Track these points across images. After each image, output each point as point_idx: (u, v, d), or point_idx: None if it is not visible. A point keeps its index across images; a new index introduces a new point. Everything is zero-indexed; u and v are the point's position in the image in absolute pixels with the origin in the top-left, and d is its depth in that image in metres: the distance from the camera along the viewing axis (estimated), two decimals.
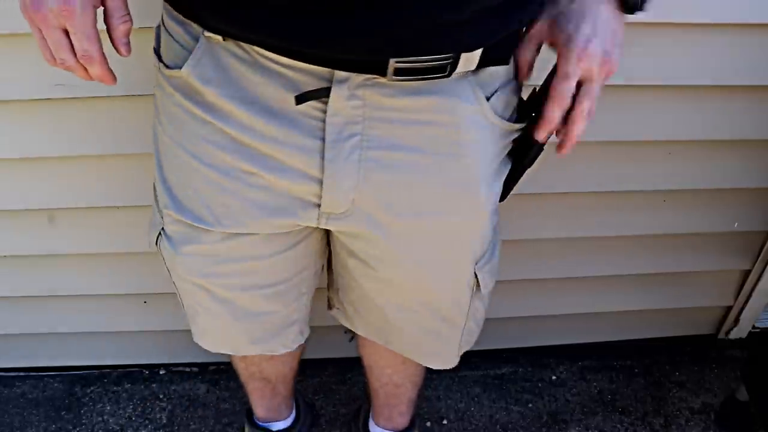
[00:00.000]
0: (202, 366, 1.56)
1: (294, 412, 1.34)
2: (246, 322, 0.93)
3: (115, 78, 0.68)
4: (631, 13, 0.75)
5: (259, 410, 1.28)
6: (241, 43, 0.67)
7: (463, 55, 0.67)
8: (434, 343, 0.99)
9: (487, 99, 0.73)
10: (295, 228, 0.81)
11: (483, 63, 0.70)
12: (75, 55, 0.64)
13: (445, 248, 0.83)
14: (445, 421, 1.47)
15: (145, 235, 1.29)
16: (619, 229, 1.39)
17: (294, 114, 0.69)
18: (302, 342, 1.04)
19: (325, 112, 0.68)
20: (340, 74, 0.66)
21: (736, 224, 1.41)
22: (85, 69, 0.66)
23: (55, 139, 1.14)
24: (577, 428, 1.46)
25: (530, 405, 1.51)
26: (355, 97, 0.67)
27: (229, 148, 0.73)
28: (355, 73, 0.66)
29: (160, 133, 0.79)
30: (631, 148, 1.27)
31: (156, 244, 0.87)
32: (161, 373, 1.56)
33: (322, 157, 0.71)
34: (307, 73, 0.67)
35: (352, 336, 1.15)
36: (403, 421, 1.29)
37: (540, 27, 0.72)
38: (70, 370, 1.56)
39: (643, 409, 1.50)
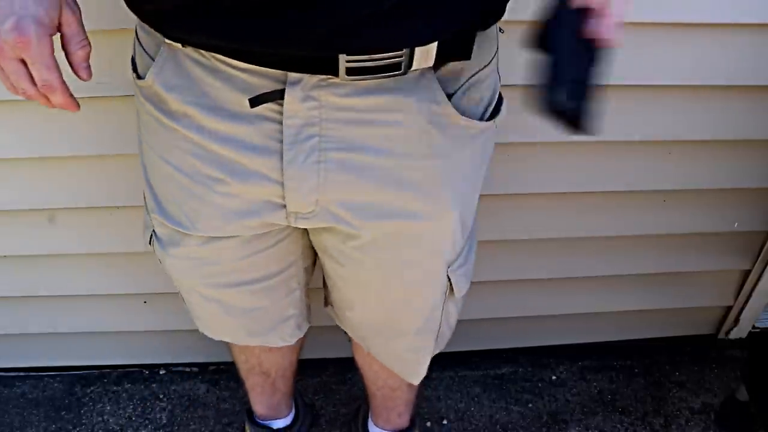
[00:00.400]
0: (202, 366, 1.56)
1: (293, 410, 1.34)
2: (239, 317, 0.95)
3: (78, 105, 0.68)
4: None
5: (259, 407, 1.28)
6: (200, 50, 0.68)
7: (418, 51, 0.65)
8: (410, 354, 1.00)
9: (450, 96, 0.71)
10: (272, 228, 0.81)
11: (442, 58, 0.67)
12: (35, 84, 0.63)
13: (413, 251, 0.82)
14: (445, 421, 1.47)
15: (141, 235, 1.29)
16: (619, 229, 1.39)
17: (252, 118, 0.69)
18: (301, 336, 1.06)
19: (282, 114, 0.68)
20: (293, 76, 0.65)
21: (736, 224, 1.41)
22: (47, 98, 0.65)
23: (56, 139, 1.14)
24: (577, 428, 1.46)
25: (530, 405, 1.51)
26: (310, 98, 0.67)
27: (195, 154, 0.74)
28: (308, 74, 0.65)
29: (142, 141, 0.82)
30: (631, 148, 1.27)
31: (150, 244, 0.90)
32: (161, 373, 1.56)
33: (282, 159, 0.71)
34: (261, 76, 0.66)
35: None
36: (401, 422, 1.29)
37: None
38: (70, 370, 1.56)
39: (643, 409, 1.50)
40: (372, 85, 0.67)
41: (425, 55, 0.66)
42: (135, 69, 0.77)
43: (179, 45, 0.68)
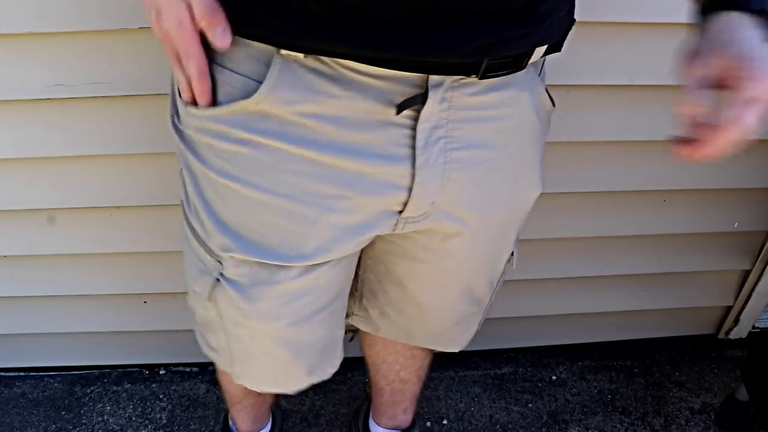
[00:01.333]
0: (202, 366, 1.56)
1: (270, 416, 1.33)
2: (306, 355, 0.87)
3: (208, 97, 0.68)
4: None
5: (245, 425, 1.25)
6: (323, 58, 0.64)
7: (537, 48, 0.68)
8: (459, 328, 1.00)
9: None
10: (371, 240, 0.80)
11: (545, 53, 0.72)
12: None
13: (506, 232, 0.86)
14: (445, 421, 1.47)
15: (145, 236, 1.30)
16: (619, 229, 1.39)
17: (378, 126, 0.67)
18: (342, 358, 0.99)
19: (413, 119, 0.67)
20: (434, 78, 0.65)
21: (736, 224, 1.41)
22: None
23: (55, 139, 1.14)
24: (577, 428, 1.46)
25: (530, 405, 1.51)
26: (444, 100, 0.67)
27: (305, 173, 0.69)
28: (449, 76, 0.66)
29: (206, 176, 0.72)
30: (630, 148, 1.27)
31: (209, 296, 0.79)
32: (161, 373, 1.56)
33: (413, 165, 0.70)
34: (397, 81, 0.65)
35: (352, 336, 1.15)
36: (405, 419, 1.29)
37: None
38: (70, 370, 1.56)
39: (643, 409, 1.50)
40: (496, 82, 0.69)
41: (539, 50, 0.69)
42: (192, 101, 0.70)
43: (300, 55, 0.63)
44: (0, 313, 1.43)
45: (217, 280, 0.77)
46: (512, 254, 0.93)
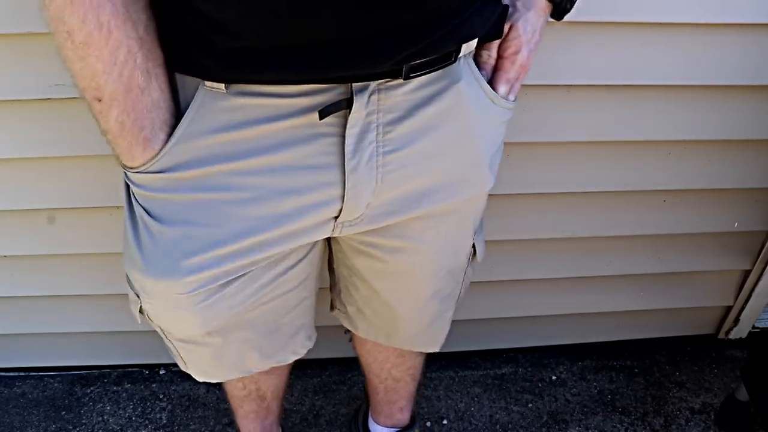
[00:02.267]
0: None
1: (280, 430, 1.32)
2: (258, 342, 0.92)
3: None
4: (560, 19, 0.80)
5: None
6: (244, 86, 0.66)
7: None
8: (434, 328, 1.01)
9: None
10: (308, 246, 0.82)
11: (481, 41, 0.73)
12: None
13: (455, 227, 0.86)
14: (445, 421, 1.47)
15: None
16: (619, 229, 1.39)
17: (306, 138, 0.69)
18: (311, 346, 1.03)
19: (341, 126, 0.68)
20: (357, 85, 0.66)
21: (736, 224, 1.41)
22: None
23: (55, 139, 1.14)
24: (577, 428, 1.46)
25: (530, 405, 1.51)
26: (371, 103, 0.68)
27: (236, 201, 0.72)
28: (372, 81, 0.67)
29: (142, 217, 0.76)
30: (631, 148, 1.27)
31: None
32: (161, 373, 1.56)
33: (343, 171, 0.71)
34: (321, 93, 0.66)
35: (351, 336, 1.15)
36: (403, 417, 1.29)
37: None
38: (70, 370, 1.56)
39: (643, 409, 1.51)
40: (425, 79, 0.69)
41: (470, 44, 0.71)
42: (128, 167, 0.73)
43: (221, 86, 0.66)
44: (0, 313, 1.43)
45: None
46: (474, 248, 0.93)
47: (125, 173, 0.74)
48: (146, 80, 0.65)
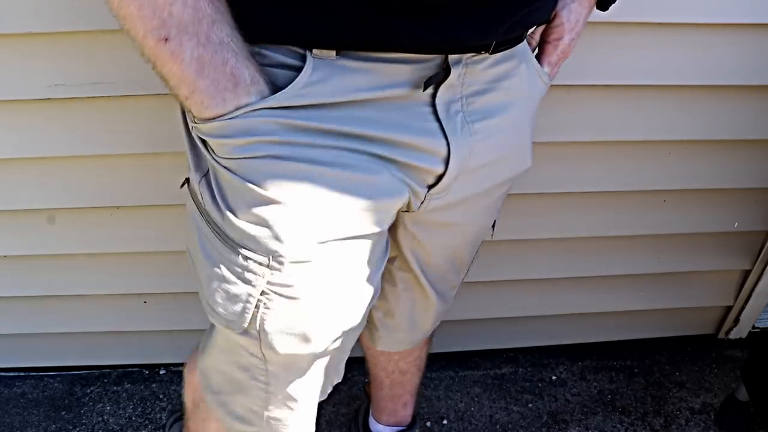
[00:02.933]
0: None
1: None
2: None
3: None
4: (605, 10, 0.85)
5: None
6: (353, 52, 0.65)
7: None
8: (446, 305, 1.02)
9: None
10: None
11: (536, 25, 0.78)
12: None
13: (495, 201, 0.89)
14: (445, 421, 1.47)
15: (145, 236, 1.29)
16: (619, 229, 1.39)
17: (407, 106, 0.70)
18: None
19: (431, 96, 0.70)
20: (453, 57, 0.69)
21: (736, 224, 1.41)
22: None
23: (55, 139, 1.15)
24: (577, 428, 1.46)
25: (530, 405, 1.51)
26: (460, 75, 0.71)
27: (351, 151, 0.70)
28: (465, 54, 0.69)
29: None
30: (631, 148, 1.27)
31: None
32: (161, 373, 1.56)
33: (445, 136, 0.72)
34: (421, 64, 0.68)
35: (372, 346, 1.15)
36: (406, 414, 1.29)
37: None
38: (70, 370, 1.56)
39: (643, 409, 1.50)
40: (501, 55, 0.73)
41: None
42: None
43: (332, 53, 0.64)
44: (0, 313, 1.43)
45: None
46: (494, 224, 0.96)
47: (199, 135, 0.66)
48: (215, 11, 0.60)
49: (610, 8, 0.84)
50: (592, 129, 1.23)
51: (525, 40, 0.78)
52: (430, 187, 0.75)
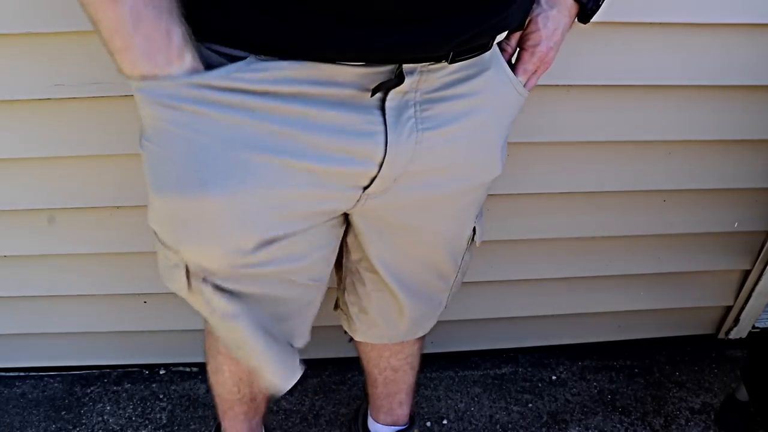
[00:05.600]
0: (202, 366, 1.56)
1: (263, 429, 1.30)
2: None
3: None
4: (585, 22, 0.84)
5: None
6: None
7: None
8: (430, 309, 1.03)
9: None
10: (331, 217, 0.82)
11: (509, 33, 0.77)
12: None
13: (462, 211, 0.88)
14: (445, 421, 1.47)
15: (145, 236, 1.29)
16: (619, 229, 1.39)
17: (354, 108, 0.70)
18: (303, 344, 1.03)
19: (381, 100, 0.71)
20: (407, 66, 0.69)
21: (736, 224, 1.41)
22: None
23: (55, 139, 1.15)
24: (577, 428, 1.46)
25: (530, 405, 1.51)
26: (413, 82, 0.71)
27: (281, 149, 0.71)
28: (419, 64, 0.70)
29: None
30: (631, 148, 1.27)
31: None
32: (161, 373, 1.56)
33: (385, 142, 0.73)
34: (373, 71, 0.69)
35: (351, 338, 1.15)
36: (402, 413, 1.29)
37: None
38: (70, 370, 1.56)
39: (643, 409, 1.51)
40: (463, 64, 0.73)
41: (503, 34, 0.74)
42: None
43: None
44: (0, 313, 1.43)
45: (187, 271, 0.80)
46: (474, 231, 0.95)
47: (136, 88, 0.67)
48: None
49: (591, 21, 0.83)
50: (592, 129, 1.23)
51: (496, 47, 0.77)
52: (366, 187, 0.77)
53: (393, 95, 0.70)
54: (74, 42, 1.03)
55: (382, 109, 0.71)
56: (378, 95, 0.70)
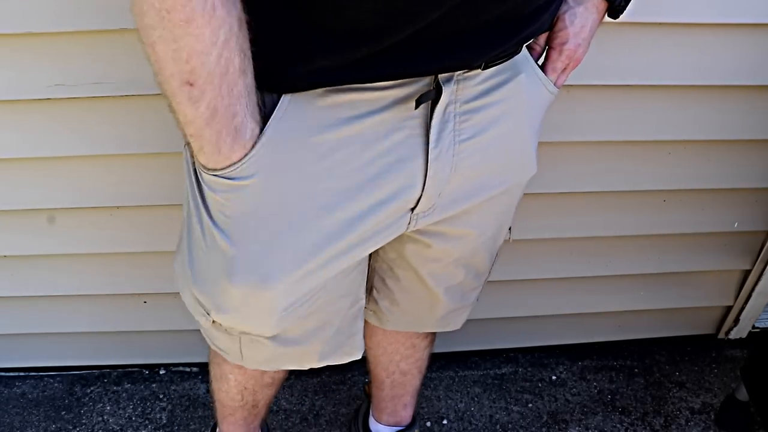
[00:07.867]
0: (202, 366, 1.56)
1: None
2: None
3: None
4: (616, 18, 0.83)
5: None
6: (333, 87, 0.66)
7: None
8: (463, 305, 1.03)
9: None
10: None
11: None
12: None
13: (504, 211, 0.89)
14: (445, 421, 1.47)
15: (145, 236, 1.29)
16: (619, 229, 1.39)
17: (393, 129, 0.70)
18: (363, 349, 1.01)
19: (425, 116, 0.70)
20: (443, 75, 0.69)
21: (736, 224, 1.41)
22: None
23: (55, 138, 1.14)
24: (577, 428, 1.46)
25: (530, 405, 1.51)
26: (452, 92, 0.70)
27: (325, 205, 0.72)
28: (455, 72, 0.69)
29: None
30: (631, 148, 1.27)
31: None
32: (161, 373, 1.56)
33: (426, 160, 0.72)
34: (412, 83, 0.68)
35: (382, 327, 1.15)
36: (406, 414, 1.29)
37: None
38: (70, 370, 1.56)
39: (643, 409, 1.51)
40: (495, 69, 0.73)
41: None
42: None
43: (318, 90, 0.66)
44: (0, 313, 1.43)
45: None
46: (509, 228, 0.96)
47: (201, 180, 0.69)
48: (243, 62, 0.60)
49: (622, 15, 0.82)
50: (592, 129, 1.23)
51: (525, 48, 0.77)
52: (413, 208, 0.77)
53: (440, 110, 0.70)
54: (74, 42, 1.03)
55: (424, 126, 0.71)
56: (422, 111, 0.70)
